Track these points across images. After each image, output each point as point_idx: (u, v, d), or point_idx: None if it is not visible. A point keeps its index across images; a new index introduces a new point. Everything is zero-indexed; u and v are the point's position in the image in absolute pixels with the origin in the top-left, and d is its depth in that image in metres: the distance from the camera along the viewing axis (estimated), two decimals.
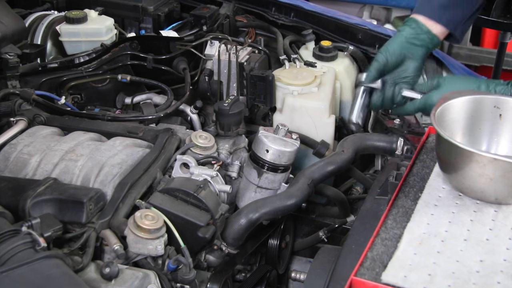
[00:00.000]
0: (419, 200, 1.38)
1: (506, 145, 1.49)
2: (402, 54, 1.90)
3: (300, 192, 1.75)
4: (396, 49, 1.90)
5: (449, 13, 1.91)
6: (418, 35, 1.91)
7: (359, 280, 1.18)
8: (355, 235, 1.49)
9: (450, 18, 1.91)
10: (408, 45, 1.90)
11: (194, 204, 1.53)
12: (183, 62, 2.27)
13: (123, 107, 2.21)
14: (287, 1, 2.49)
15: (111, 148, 1.67)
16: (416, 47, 1.90)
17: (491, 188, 1.33)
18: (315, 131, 2.06)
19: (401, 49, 1.90)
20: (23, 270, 1.20)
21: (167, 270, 1.46)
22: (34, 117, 1.85)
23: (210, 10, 2.39)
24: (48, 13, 2.43)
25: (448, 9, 1.91)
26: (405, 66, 1.90)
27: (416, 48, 1.91)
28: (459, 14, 1.93)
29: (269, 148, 1.75)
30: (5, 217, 1.37)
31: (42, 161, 1.62)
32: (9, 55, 2.04)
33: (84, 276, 1.37)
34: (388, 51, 1.90)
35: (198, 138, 1.75)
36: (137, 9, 2.48)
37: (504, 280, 1.17)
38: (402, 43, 1.90)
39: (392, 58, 1.90)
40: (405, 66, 1.90)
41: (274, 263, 1.90)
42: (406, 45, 1.90)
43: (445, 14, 1.90)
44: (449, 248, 1.24)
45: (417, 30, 1.91)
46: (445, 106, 1.46)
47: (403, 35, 1.91)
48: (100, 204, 1.51)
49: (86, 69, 2.17)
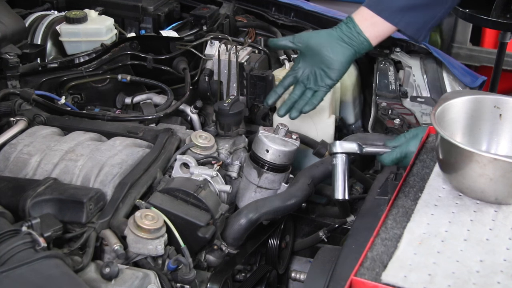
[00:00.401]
0: (419, 200, 1.38)
1: (506, 145, 1.49)
2: (323, 45, 1.77)
3: (300, 192, 1.75)
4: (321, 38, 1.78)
5: (410, 16, 1.74)
6: (350, 33, 1.78)
7: (359, 280, 1.18)
8: (355, 235, 1.49)
9: (412, 21, 1.75)
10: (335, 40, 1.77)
11: (194, 204, 1.53)
12: (183, 62, 2.27)
13: (123, 107, 2.21)
14: (287, 1, 2.49)
15: (111, 148, 1.67)
16: (343, 43, 1.78)
17: (491, 188, 1.33)
18: (315, 131, 2.07)
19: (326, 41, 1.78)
20: (23, 270, 1.20)
21: (167, 270, 1.46)
22: (34, 117, 1.85)
23: (210, 10, 2.39)
24: (48, 13, 2.43)
25: (411, 11, 1.74)
26: (326, 57, 1.78)
27: (344, 44, 1.78)
28: (425, 17, 1.76)
29: (269, 148, 1.75)
30: (5, 217, 1.37)
31: (42, 161, 1.62)
32: (9, 55, 2.04)
33: (84, 276, 1.37)
34: (311, 37, 1.80)
35: (198, 138, 1.75)
36: (137, 9, 2.48)
37: (504, 280, 1.17)
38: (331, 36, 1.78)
39: (311, 42, 1.78)
40: (326, 57, 1.78)
41: (274, 263, 1.90)
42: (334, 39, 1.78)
43: (405, 17, 1.74)
44: (449, 248, 1.24)
45: (351, 29, 1.78)
46: (445, 106, 1.45)
47: (337, 31, 1.79)
48: (100, 204, 1.51)
49: (86, 69, 2.17)
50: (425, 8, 1.75)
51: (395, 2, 1.74)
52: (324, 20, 2.42)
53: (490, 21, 2.88)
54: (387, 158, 1.61)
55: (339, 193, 1.58)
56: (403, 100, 2.23)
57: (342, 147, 1.59)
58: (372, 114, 2.23)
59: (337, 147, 1.59)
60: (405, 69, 2.29)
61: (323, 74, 1.81)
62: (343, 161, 1.59)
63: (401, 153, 1.59)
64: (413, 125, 2.07)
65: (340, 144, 1.59)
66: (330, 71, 1.80)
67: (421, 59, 2.28)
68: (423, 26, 1.77)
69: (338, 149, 1.59)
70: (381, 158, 1.62)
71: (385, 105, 2.20)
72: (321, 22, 2.42)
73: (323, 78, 1.81)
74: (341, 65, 1.79)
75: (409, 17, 1.75)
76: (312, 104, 1.84)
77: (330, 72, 1.80)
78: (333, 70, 1.79)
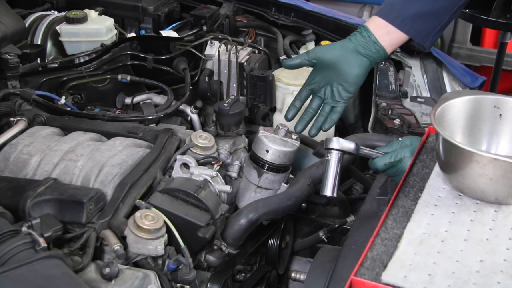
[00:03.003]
0: (419, 200, 1.38)
1: (506, 145, 1.49)
2: (338, 59, 1.77)
3: (300, 192, 1.75)
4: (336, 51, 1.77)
5: (419, 24, 1.76)
6: (365, 44, 1.77)
7: (359, 280, 1.18)
8: (355, 235, 1.49)
9: (421, 29, 1.76)
10: (350, 52, 1.77)
11: (194, 204, 1.53)
12: (183, 62, 2.27)
13: (123, 107, 2.21)
14: (287, 1, 2.49)
15: (111, 148, 1.67)
16: (358, 55, 1.78)
17: (491, 188, 1.33)
18: None
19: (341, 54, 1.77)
20: (23, 270, 1.20)
21: (167, 270, 1.46)
22: (34, 117, 1.85)
23: (210, 10, 2.39)
24: (48, 13, 2.43)
25: (420, 19, 1.75)
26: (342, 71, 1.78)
27: (359, 56, 1.78)
28: (433, 24, 1.77)
29: (269, 148, 1.75)
30: (5, 217, 1.37)
31: (42, 161, 1.62)
32: (9, 55, 2.04)
33: (84, 276, 1.37)
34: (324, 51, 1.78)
35: (198, 138, 1.75)
36: (137, 9, 2.49)
37: (504, 280, 1.17)
38: (346, 48, 1.78)
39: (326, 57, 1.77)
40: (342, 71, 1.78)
41: (274, 263, 1.90)
42: (348, 51, 1.77)
43: (415, 25, 1.75)
44: (449, 248, 1.24)
45: (366, 39, 1.78)
46: (445, 106, 1.45)
47: (352, 41, 1.78)
48: (100, 204, 1.51)
49: (86, 69, 2.17)
50: (434, 15, 1.76)
51: (406, 11, 1.75)
52: (324, 20, 2.42)
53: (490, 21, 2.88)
54: (379, 162, 1.59)
55: (327, 190, 1.56)
56: (403, 100, 2.23)
57: (339, 144, 1.56)
58: (372, 114, 2.23)
59: (333, 143, 1.56)
60: (405, 69, 2.29)
61: (341, 88, 1.80)
62: (337, 158, 1.56)
63: (394, 157, 1.58)
64: (413, 125, 2.07)
65: (337, 141, 1.56)
66: (347, 85, 1.80)
67: (421, 59, 2.28)
68: (429, 33, 1.78)
69: (334, 145, 1.56)
70: (373, 162, 1.61)
71: (385, 105, 2.20)
72: (321, 22, 2.43)
73: (341, 92, 1.81)
74: (358, 79, 1.79)
75: (418, 24, 1.76)
76: (332, 121, 1.84)
77: (348, 86, 1.80)
78: (350, 84, 1.79)
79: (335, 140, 1.56)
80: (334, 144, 1.56)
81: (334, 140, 1.56)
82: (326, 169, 1.56)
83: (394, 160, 1.58)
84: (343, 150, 1.56)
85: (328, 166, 1.56)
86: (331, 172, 1.56)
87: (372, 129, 2.24)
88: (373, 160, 1.61)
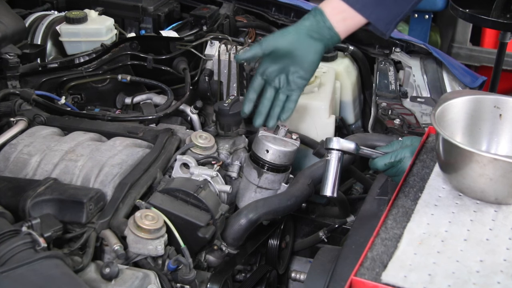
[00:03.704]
0: (419, 200, 1.38)
1: (506, 145, 1.49)
2: (293, 45, 1.69)
3: (300, 192, 1.75)
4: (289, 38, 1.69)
5: (380, 9, 1.68)
6: (319, 29, 1.68)
7: (359, 280, 1.18)
8: (355, 235, 1.49)
9: (382, 15, 1.68)
10: (304, 37, 1.69)
11: (194, 204, 1.53)
12: (183, 62, 2.27)
13: (123, 107, 2.21)
14: (287, 1, 2.49)
15: (111, 148, 1.67)
16: (312, 40, 1.69)
17: (491, 188, 1.33)
18: (315, 131, 2.06)
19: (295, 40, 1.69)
20: (23, 270, 1.20)
21: (167, 270, 1.46)
22: (34, 117, 1.85)
23: (210, 10, 2.39)
24: (48, 13, 2.43)
25: (381, 5, 1.67)
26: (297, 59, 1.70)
27: (313, 41, 1.69)
28: (394, 11, 1.70)
29: (269, 148, 1.75)
30: (5, 217, 1.37)
31: (42, 161, 1.62)
32: (9, 55, 2.04)
33: (84, 276, 1.37)
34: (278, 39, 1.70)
35: (198, 138, 1.75)
36: (137, 9, 2.49)
37: (504, 280, 1.17)
38: (300, 34, 1.69)
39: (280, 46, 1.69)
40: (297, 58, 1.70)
41: (274, 263, 1.90)
42: (302, 36, 1.69)
43: (375, 10, 1.67)
44: (449, 248, 1.24)
45: (320, 24, 1.68)
46: (445, 106, 1.45)
47: (306, 26, 1.69)
48: (100, 204, 1.51)
49: (86, 69, 2.17)
50: (394, 2, 1.69)
51: None
52: None
53: (490, 21, 2.88)
54: (379, 162, 1.59)
55: (327, 190, 1.56)
56: (403, 100, 2.24)
57: (339, 144, 1.56)
58: (372, 114, 2.23)
59: (334, 143, 1.56)
60: (405, 69, 2.29)
61: (296, 75, 1.72)
62: (337, 158, 1.56)
63: (395, 158, 1.57)
64: (413, 125, 2.07)
65: (338, 141, 1.56)
66: (303, 72, 1.72)
67: (421, 59, 2.28)
68: (391, 21, 1.71)
69: (334, 145, 1.56)
70: (373, 162, 1.61)
71: (385, 105, 2.20)
72: None
73: (295, 79, 1.73)
74: (313, 64, 1.72)
75: (379, 10, 1.69)
76: (289, 111, 1.76)
77: (304, 73, 1.72)
78: (305, 70, 1.72)
79: (335, 140, 1.56)
80: (334, 144, 1.56)
81: (334, 140, 1.56)
82: (326, 169, 1.56)
83: (394, 160, 1.58)
84: (343, 150, 1.56)
85: (328, 166, 1.56)
86: (331, 172, 1.56)
87: (372, 129, 2.24)
88: (373, 160, 1.61)
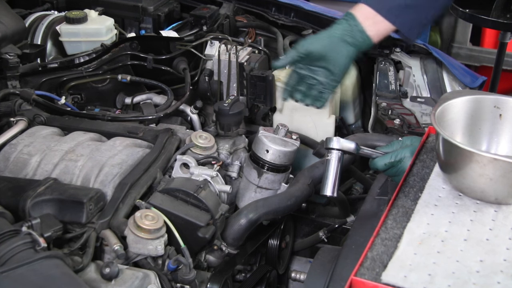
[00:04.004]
0: (419, 200, 1.38)
1: (506, 145, 1.49)
2: (327, 49, 1.72)
3: (300, 192, 1.75)
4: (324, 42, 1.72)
5: (405, 15, 1.72)
6: (352, 33, 1.72)
7: (359, 280, 1.18)
8: (355, 235, 1.49)
9: (406, 20, 1.72)
10: (338, 41, 1.72)
11: (194, 204, 1.53)
12: (183, 62, 2.27)
13: (123, 107, 2.21)
14: (287, 1, 2.49)
15: (111, 148, 1.67)
16: (346, 44, 1.72)
17: (491, 188, 1.33)
18: (315, 131, 2.06)
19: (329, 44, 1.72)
20: (23, 270, 1.20)
21: (167, 270, 1.46)
22: (34, 117, 1.85)
23: (210, 10, 2.39)
24: (48, 13, 2.43)
25: (406, 11, 1.71)
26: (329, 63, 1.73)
27: (346, 45, 1.73)
28: (418, 17, 1.74)
29: (269, 148, 1.75)
30: (5, 217, 1.37)
31: (42, 161, 1.62)
32: (9, 55, 2.04)
33: (84, 276, 1.37)
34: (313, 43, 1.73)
35: (198, 138, 1.75)
36: (137, 9, 2.49)
37: (504, 280, 1.17)
38: (333, 38, 1.72)
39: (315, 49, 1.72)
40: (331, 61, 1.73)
41: (274, 263, 1.90)
42: (336, 40, 1.72)
43: (400, 16, 1.71)
44: (449, 248, 1.24)
45: (353, 28, 1.72)
46: (445, 106, 1.45)
47: (339, 30, 1.73)
48: (100, 204, 1.51)
49: (86, 69, 2.17)
50: (419, 8, 1.73)
51: (393, 1, 1.72)
52: (324, 20, 2.42)
53: (490, 21, 2.88)
54: (379, 162, 1.59)
55: (327, 190, 1.55)
56: (403, 100, 2.23)
57: (339, 143, 1.56)
58: (372, 114, 2.23)
59: (334, 142, 1.56)
60: (405, 69, 2.29)
61: (329, 78, 1.76)
62: (337, 158, 1.55)
63: (395, 157, 1.57)
64: (413, 125, 2.07)
65: (338, 141, 1.56)
66: (334, 75, 1.76)
67: (421, 59, 2.28)
68: (415, 26, 1.75)
69: (334, 145, 1.56)
70: (373, 162, 1.61)
71: (385, 105, 2.20)
72: (321, 22, 2.42)
73: (328, 82, 1.77)
74: (344, 68, 1.76)
75: (404, 16, 1.72)
76: (323, 100, 1.80)
77: (335, 76, 1.76)
78: (337, 73, 1.76)
79: (335, 140, 1.56)
80: (334, 144, 1.56)
81: (334, 140, 1.56)
82: (326, 169, 1.56)
83: (394, 160, 1.58)
84: (343, 150, 1.56)
85: (328, 166, 1.56)
86: (331, 172, 1.56)
87: (372, 129, 2.24)
88: (373, 160, 1.61)
